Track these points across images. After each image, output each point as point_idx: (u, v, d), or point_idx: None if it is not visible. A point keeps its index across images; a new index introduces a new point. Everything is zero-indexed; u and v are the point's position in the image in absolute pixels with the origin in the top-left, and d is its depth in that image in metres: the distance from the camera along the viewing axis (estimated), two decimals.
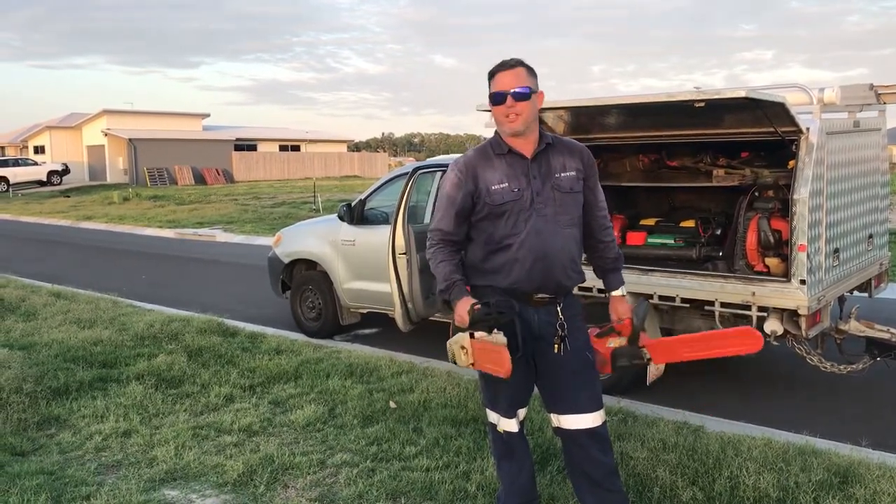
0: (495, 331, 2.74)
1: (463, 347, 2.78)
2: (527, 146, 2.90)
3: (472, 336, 2.76)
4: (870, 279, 5.78)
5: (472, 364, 2.78)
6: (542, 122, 5.71)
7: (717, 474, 3.62)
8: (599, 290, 5.22)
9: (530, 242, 2.84)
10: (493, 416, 3.07)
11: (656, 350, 3.16)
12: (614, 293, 3.16)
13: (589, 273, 3.19)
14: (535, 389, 3.08)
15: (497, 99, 2.85)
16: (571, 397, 2.93)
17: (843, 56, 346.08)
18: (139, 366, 5.75)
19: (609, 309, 3.17)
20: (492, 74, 2.89)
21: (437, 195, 6.39)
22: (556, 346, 2.90)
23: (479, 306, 2.74)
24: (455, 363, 2.85)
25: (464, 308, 2.76)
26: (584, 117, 5.65)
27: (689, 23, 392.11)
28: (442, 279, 2.89)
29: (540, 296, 2.90)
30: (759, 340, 2.92)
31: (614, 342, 3.12)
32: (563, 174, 2.92)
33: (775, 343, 4.96)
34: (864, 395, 5.42)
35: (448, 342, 2.86)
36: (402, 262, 6.03)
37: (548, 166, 2.91)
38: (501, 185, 2.85)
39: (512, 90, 2.81)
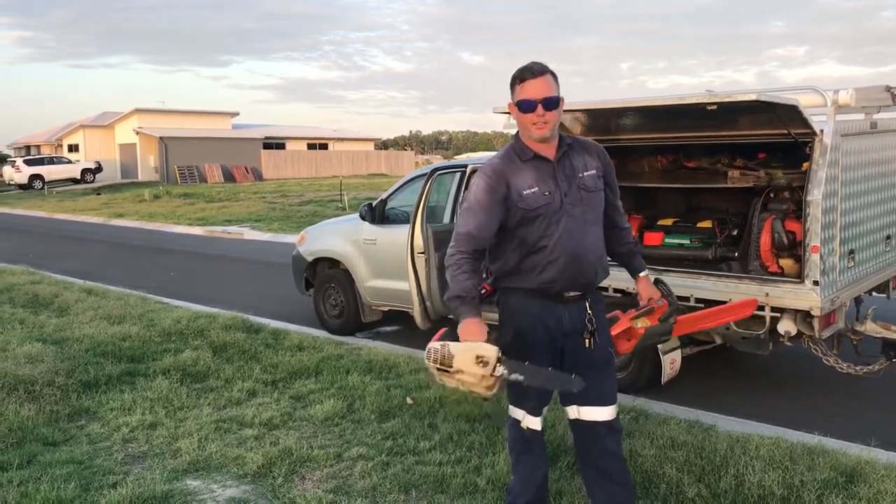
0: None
1: (481, 359, 2.66)
2: (549, 149, 2.94)
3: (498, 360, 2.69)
4: (888, 280, 5.77)
5: (489, 386, 2.71)
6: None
7: (723, 472, 3.68)
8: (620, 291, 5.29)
9: (563, 243, 2.89)
10: (517, 413, 3.11)
11: (678, 324, 3.40)
12: (641, 275, 3.26)
13: (622, 273, 3.37)
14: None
15: (527, 107, 2.84)
16: (596, 390, 2.98)
17: (877, 52, 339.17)
18: (166, 361, 5.93)
19: (638, 290, 3.26)
20: (517, 80, 2.86)
21: (455, 202, 6.49)
22: (586, 340, 2.98)
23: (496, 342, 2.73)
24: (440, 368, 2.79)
25: (478, 329, 2.75)
26: (602, 119, 5.70)
27: (720, 19, 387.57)
28: (461, 290, 2.83)
29: (571, 293, 2.97)
30: (753, 305, 3.89)
31: (644, 322, 3.21)
32: (585, 173, 2.98)
33: (789, 343, 4.99)
34: (880, 396, 5.42)
35: (470, 344, 2.72)
36: (420, 261, 6.15)
37: (571, 167, 2.96)
38: (532, 190, 2.88)
39: (542, 98, 2.82)
